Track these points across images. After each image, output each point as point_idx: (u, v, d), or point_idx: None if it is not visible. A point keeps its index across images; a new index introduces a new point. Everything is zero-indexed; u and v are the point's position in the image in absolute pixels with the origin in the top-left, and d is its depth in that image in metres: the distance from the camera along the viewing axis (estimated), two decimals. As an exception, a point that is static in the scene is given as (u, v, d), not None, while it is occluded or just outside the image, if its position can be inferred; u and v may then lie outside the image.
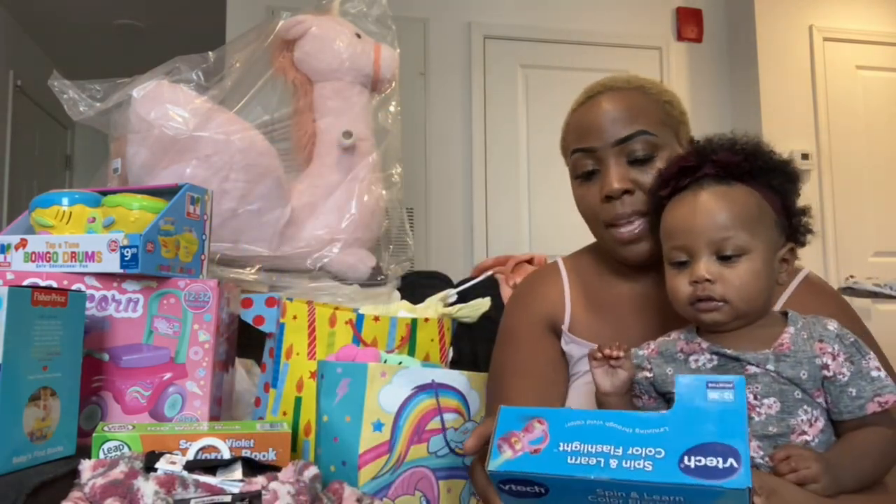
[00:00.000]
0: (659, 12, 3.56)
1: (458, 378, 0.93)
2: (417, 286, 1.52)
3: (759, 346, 0.76)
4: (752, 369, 0.74)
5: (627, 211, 0.90)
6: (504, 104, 3.35)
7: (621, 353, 0.78)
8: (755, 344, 0.77)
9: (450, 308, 1.12)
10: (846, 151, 3.38)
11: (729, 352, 0.77)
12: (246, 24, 2.73)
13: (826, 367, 0.73)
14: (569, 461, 0.53)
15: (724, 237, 0.76)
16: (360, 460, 0.85)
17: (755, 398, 0.73)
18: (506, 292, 1.46)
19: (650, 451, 0.51)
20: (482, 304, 1.12)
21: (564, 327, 0.99)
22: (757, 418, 0.72)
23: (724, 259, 0.76)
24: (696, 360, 0.79)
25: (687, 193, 0.81)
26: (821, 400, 0.73)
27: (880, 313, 3.19)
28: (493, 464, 0.55)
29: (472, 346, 1.34)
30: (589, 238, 1.02)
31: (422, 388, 0.89)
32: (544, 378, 0.97)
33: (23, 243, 0.95)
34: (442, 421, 0.91)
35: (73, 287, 0.93)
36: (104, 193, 1.03)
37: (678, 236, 0.79)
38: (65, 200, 1.00)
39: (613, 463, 0.51)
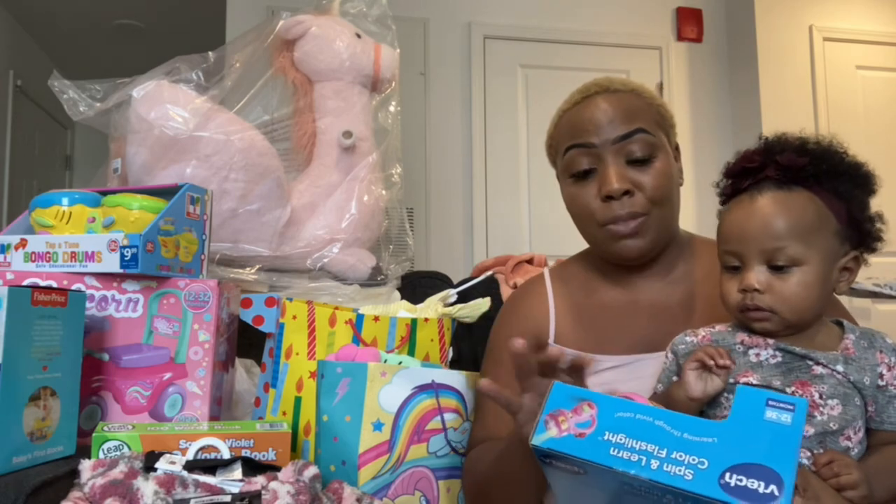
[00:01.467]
0: (659, 12, 3.56)
1: (457, 378, 0.93)
2: (417, 286, 1.52)
3: (824, 349, 0.75)
4: (819, 370, 0.74)
5: (626, 212, 0.88)
6: (504, 104, 3.35)
7: (728, 362, 0.75)
8: (818, 346, 0.76)
9: (450, 308, 1.12)
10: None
11: (798, 349, 0.75)
12: (246, 24, 2.73)
13: (881, 376, 0.73)
14: (611, 452, 0.52)
15: (776, 247, 0.74)
16: (359, 460, 0.85)
17: (820, 397, 0.72)
18: (506, 292, 1.46)
19: (693, 460, 0.50)
20: (482, 304, 1.12)
21: (550, 340, 0.97)
22: (819, 417, 0.72)
23: (775, 269, 0.75)
24: (758, 354, 0.77)
25: (745, 196, 0.79)
26: (870, 408, 0.74)
27: (880, 313, 3.19)
28: (538, 439, 0.55)
29: (472, 346, 1.34)
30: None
31: (422, 388, 0.90)
32: None
33: (23, 243, 0.95)
34: (443, 420, 0.91)
35: (73, 287, 0.93)
36: (104, 193, 1.03)
37: (731, 241, 0.78)
38: (65, 200, 1.00)
39: (654, 464, 0.51)
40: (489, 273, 1.49)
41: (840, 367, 0.73)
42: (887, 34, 3.49)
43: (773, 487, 0.48)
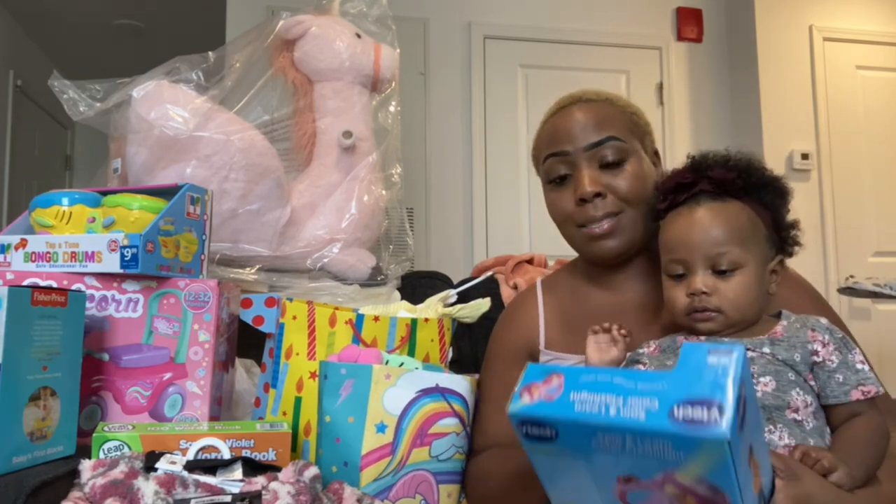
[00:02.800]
0: (659, 12, 3.56)
1: (461, 383, 0.93)
2: (417, 286, 1.52)
3: (751, 336, 0.81)
4: (749, 354, 0.78)
5: (599, 214, 0.94)
6: (504, 104, 3.35)
7: (624, 332, 0.85)
8: (751, 336, 0.82)
9: (450, 308, 1.12)
10: (846, 151, 3.37)
11: (725, 339, 0.82)
12: (246, 24, 2.73)
13: (816, 353, 0.77)
14: (576, 409, 0.58)
15: (719, 252, 0.81)
16: (362, 461, 0.85)
17: (752, 376, 0.76)
18: (506, 292, 1.46)
19: (646, 402, 0.55)
20: (482, 304, 1.12)
21: (541, 346, 1.02)
22: (755, 394, 0.75)
23: (719, 273, 0.81)
24: None
25: (683, 209, 0.85)
26: (813, 384, 0.77)
27: (880, 313, 3.19)
28: (513, 407, 0.61)
29: (472, 345, 1.34)
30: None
31: (426, 392, 0.90)
32: None
33: (23, 243, 0.95)
34: (461, 422, 0.90)
35: (73, 287, 0.93)
36: (104, 193, 1.03)
37: (676, 250, 0.84)
38: (65, 200, 1.00)
39: (613, 411, 0.56)
40: (489, 273, 1.49)
41: (766, 349, 0.78)
42: (887, 34, 3.49)
43: (715, 413, 0.52)
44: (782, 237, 0.86)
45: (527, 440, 0.63)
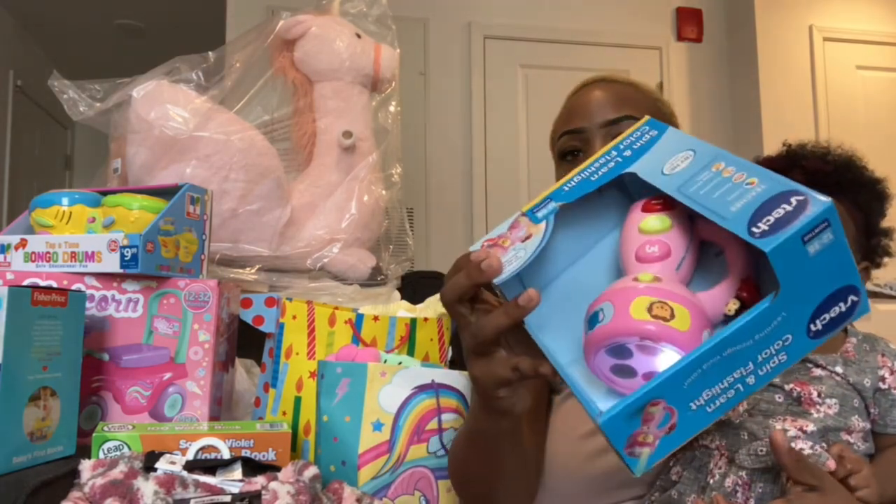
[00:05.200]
0: (659, 12, 3.56)
1: (458, 378, 0.93)
2: (417, 286, 1.52)
3: (825, 352, 0.76)
4: (818, 371, 0.74)
5: None
6: (504, 104, 3.35)
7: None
8: (819, 350, 0.76)
9: (450, 308, 1.11)
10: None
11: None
12: (246, 24, 2.73)
13: (883, 379, 0.74)
14: (708, 410, 0.47)
15: None
16: (359, 460, 0.85)
17: (819, 395, 0.73)
18: (506, 292, 1.46)
19: (778, 345, 0.46)
20: (482, 304, 1.11)
21: None
22: (816, 414, 0.73)
23: None
24: None
25: None
26: (873, 410, 0.74)
27: (880, 313, 3.18)
28: (638, 469, 0.48)
29: (471, 346, 1.34)
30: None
31: (422, 388, 0.90)
32: None
33: (23, 243, 0.95)
34: (439, 421, 0.91)
35: (73, 287, 0.93)
36: (104, 193, 1.03)
37: None
38: (65, 200, 1.00)
39: (751, 380, 0.47)
40: (489, 273, 1.48)
41: (839, 369, 0.74)
42: (887, 34, 3.49)
43: (851, 298, 0.45)
44: (872, 244, 0.80)
45: None
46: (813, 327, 0.46)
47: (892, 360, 0.76)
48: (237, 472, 0.76)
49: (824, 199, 0.43)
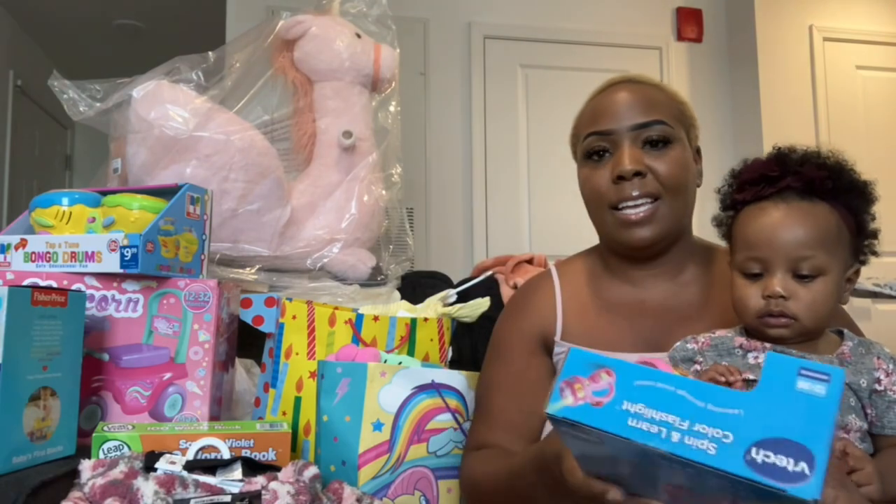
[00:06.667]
0: (659, 12, 3.56)
1: (457, 378, 0.93)
2: (417, 286, 1.52)
3: (820, 353, 0.77)
4: None
5: (636, 193, 0.88)
6: (504, 104, 3.35)
7: (740, 379, 0.74)
8: (815, 351, 0.77)
9: (449, 308, 1.12)
10: (846, 151, 3.37)
11: (794, 352, 0.76)
12: (246, 24, 2.73)
13: (879, 381, 0.75)
14: (629, 423, 0.49)
15: (803, 256, 0.75)
16: (359, 460, 0.85)
17: None
18: (506, 292, 1.46)
19: (717, 433, 0.46)
20: (482, 304, 1.12)
21: (556, 337, 0.96)
22: None
23: (799, 277, 0.76)
24: (757, 357, 0.78)
25: (768, 204, 0.79)
26: (870, 411, 0.75)
27: (880, 313, 3.19)
28: (553, 407, 0.52)
29: (471, 345, 1.34)
30: (589, 237, 1.01)
31: (422, 388, 0.90)
32: (530, 396, 0.93)
33: (23, 243, 0.95)
34: (455, 418, 0.91)
35: (73, 287, 0.93)
36: (104, 193, 1.03)
37: (756, 248, 0.78)
38: (65, 200, 1.00)
39: (675, 436, 0.47)
40: (489, 273, 1.49)
41: None
42: (887, 34, 3.49)
43: (803, 465, 0.43)
44: (862, 246, 0.81)
45: (565, 436, 0.55)
46: (754, 452, 0.45)
47: (887, 363, 0.76)
48: (237, 472, 0.76)
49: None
